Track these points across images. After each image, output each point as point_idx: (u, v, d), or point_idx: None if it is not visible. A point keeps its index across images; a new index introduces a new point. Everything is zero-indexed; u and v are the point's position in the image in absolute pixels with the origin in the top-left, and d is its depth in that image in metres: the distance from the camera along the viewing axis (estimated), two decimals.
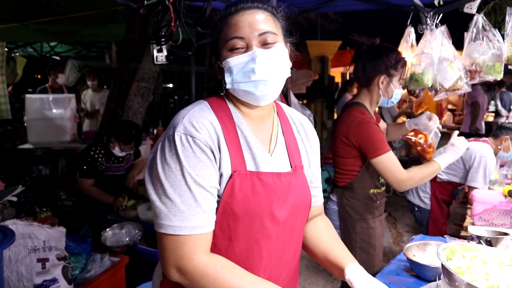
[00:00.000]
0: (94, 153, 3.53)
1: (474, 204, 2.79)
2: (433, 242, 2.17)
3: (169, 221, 1.12)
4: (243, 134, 1.23)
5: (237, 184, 1.17)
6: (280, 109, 1.41)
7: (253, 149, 1.23)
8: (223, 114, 1.23)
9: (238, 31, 1.19)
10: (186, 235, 1.12)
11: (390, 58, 2.34)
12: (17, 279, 2.39)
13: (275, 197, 1.22)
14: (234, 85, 1.21)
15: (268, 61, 1.17)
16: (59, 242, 2.60)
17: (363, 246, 2.48)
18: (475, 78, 2.69)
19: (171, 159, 1.14)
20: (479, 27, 2.66)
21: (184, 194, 1.12)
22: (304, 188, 1.34)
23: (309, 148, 1.43)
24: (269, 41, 1.19)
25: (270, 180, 1.22)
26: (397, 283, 1.95)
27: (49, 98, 5.90)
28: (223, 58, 1.21)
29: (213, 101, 1.27)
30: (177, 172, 1.13)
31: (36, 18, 4.12)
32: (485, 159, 3.35)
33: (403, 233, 5.39)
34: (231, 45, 1.20)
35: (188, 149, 1.13)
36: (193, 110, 1.21)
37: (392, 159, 2.30)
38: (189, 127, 1.15)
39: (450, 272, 1.17)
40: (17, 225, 2.44)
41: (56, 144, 5.81)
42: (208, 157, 1.15)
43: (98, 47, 8.38)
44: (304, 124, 1.45)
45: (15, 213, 3.23)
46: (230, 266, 1.15)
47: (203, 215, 1.13)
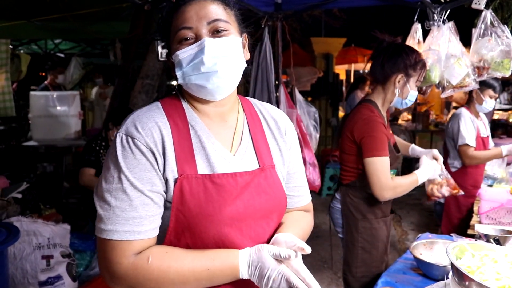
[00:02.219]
0: (95, 145, 3.56)
1: (481, 203, 2.77)
2: (440, 240, 2.15)
3: (104, 225, 1.06)
4: (196, 134, 1.16)
5: (187, 189, 1.09)
6: (248, 105, 1.32)
7: (208, 149, 1.15)
8: (175, 114, 1.16)
9: (185, 21, 1.12)
10: (117, 240, 1.04)
11: (410, 57, 2.29)
12: (22, 276, 2.39)
13: (231, 199, 1.12)
14: (185, 79, 1.13)
15: (218, 50, 1.10)
16: (64, 239, 2.61)
17: (365, 246, 2.45)
18: (483, 75, 2.66)
19: (112, 161, 1.08)
20: (487, 23, 2.63)
21: (119, 197, 1.05)
22: (275, 189, 1.23)
23: (283, 145, 1.32)
24: (219, 29, 1.12)
25: (225, 181, 1.12)
26: (404, 281, 1.94)
27: (54, 95, 5.92)
28: (173, 52, 1.15)
29: (166, 101, 1.20)
30: (114, 175, 1.07)
31: (41, 16, 4.12)
32: (458, 116, 3.44)
33: (408, 231, 5.36)
34: (179, 36, 1.13)
35: (128, 151, 1.07)
36: (141, 110, 1.15)
37: (384, 165, 2.25)
38: (130, 128, 1.10)
39: (460, 271, 1.15)
40: (22, 222, 2.44)
41: (61, 141, 5.83)
42: (147, 160, 1.08)
43: (102, 44, 8.39)
44: (277, 119, 1.34)
45: (19, 210, 3.24)
46: (161, 253, 1.08)
47: (138, 221, 1.06)
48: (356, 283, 2.49)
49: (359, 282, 2.48)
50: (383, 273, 2.03)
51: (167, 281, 1.05)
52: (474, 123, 3.41)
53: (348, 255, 2.51)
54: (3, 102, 5.15)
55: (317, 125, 4.09)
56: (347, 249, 2.52)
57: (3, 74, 5.11)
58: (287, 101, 3.97)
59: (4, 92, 5.14)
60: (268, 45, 3.82)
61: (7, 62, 5.18)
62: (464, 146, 3.34)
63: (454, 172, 3.46)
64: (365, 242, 2.45)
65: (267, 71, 3.80)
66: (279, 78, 4.07)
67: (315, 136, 4.07)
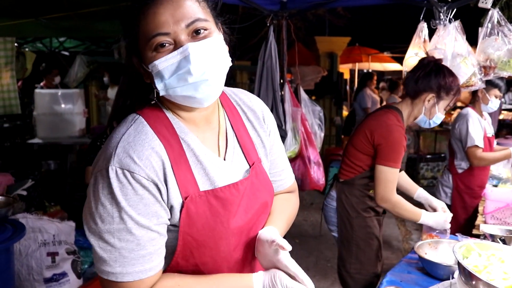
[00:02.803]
0: (100, 143, 3.56)
1: (486, 203, 2.76)
2: (445, 240, 2.15)
3: (110, 267, 0.97)
4: (189, 147, 1.06)
5: (193, 210, 1.02)
6: (224, 98, 1.22)
7: (204, 162, 1.07)
8: (163, 130, 1.04)
9: (160, 26, 0.97)
10: (129, 282, 0.98)
11: (447, 80, 2.27)
12: (27, 273, 2.40)
13: (235, 210, 1.09)
14: (169, 91, 1.00)
15: (205, 56, 0.97)
16: (69, 236, 2.61)
17: (359, 243, 2.48)
18: (489, 74, 2.66)
19: (106, 198, 0.95)
20: (494, 22, 2.62)
21: (124, 238, 0.96)
22: (265, 183, 1.20)
23: (264, 134, 1.25)
24: (199, 30, 0.99)
25: (228, 194, 1.07)
26: (408, 281, 1.93)
27: (58, 93, 5.93)
28: (149, 61, 1.00)
29: (148, 114, 1.07)
30: (114, 215, 0.95)
31: (46, 14, 4.12)
32: (466, 117, 3.38)
33: (411, 231, 5.35)
34: (154, 43, 0.98)
35: (127, 186, 0.95)
36: (127, 133, 1.01)
37: (394, 176, 2.30)
38: (125, 159, 0.96)
39: (467, 270, 1.15)
40: (27, 219, 2.45)
41: (65, 139, 5.84)
42: (151, 193, 0.98)
43: (107, 42, 8.39)
44: (254, 108, 1.25)
45: (25, 207, 3.25)
46: (172, 282, 1.04)
47: (148, 258, 0.99)
48: (351, 280, 2.53)
49: (353, 278, 2.52)
50: (388, 272, 2.04)
51: None
52: (481, 123, 3.39)
53: (343, 251, 2.55)
54: (8, 99, 5.17)
55: (321, 124, 4.09)
56: (342, 245, 2.56)
57: (8, 72, 5.13)
58: (292, 100, 3.97)
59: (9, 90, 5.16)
60: (274, 44, 3.82)
61: (13, 60, 5.21)
62: (473, 148, 3.30)
63: (460, 173, 3.45)
64: (359, 240, 2.48)
65: (272, 69, 3.80)
66: (284, 76, 4.07)
67: (320, 135, 4.07)
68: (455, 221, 3.49)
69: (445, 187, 3.54)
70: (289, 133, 3.81)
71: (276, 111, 3.82)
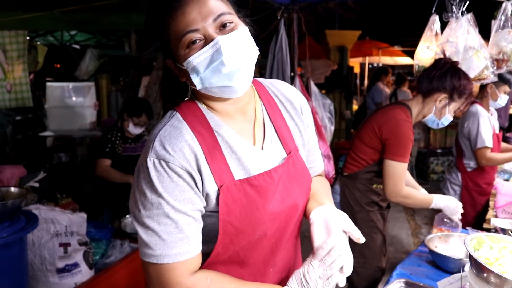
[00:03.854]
0: (111, 136, 3.58)
1: (497, 197, 2.74)
2: (455, 234, 2.15)
3: (151, 250, 1.05)
4: (224, 139, 1.12)
5: (229, 198, 1.08)
6: (262, 89, 1.27)
7: (238, 153, 1.13)
8: (198, 124, 1.11)
9: (190, 23, 1.04)
10: (170, 263, 1.05)
11: (461, 82, 2.27)
12: (40, 263, 2.43)
13: (271, 196, 1.14)
14: (206, 84, 1.07)
15: (235, 46, 1.04)
16: (81, 227, 2.64)
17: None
18: (502, 68, 2.63)
19: (146, 187, 1.05)
20: (507, 15, 2.59)
21: (163, 222, 1.04)
22: (302, 171, 1.25)
23: (301, 124, 1.30)
24: (226, 24, 1.06)
25: (262, 182, 1.12)
26: (419, 274, 1.94)
27: (69, 86, 5.98)
28: (183, 59, 1.07)
29: (184, 110, 1.14)
30: (153, 201, 1.04)
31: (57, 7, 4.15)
32: (477, 116, 3.32)
33: (421, 225, 5.34)
34: (186, 41, 1.05)
35: (163, 174, 1.04)
36: (163, 129, 1.09)
37: (403, 171, 2.30)
38: (161, 150, 1.05)
39: (478, 263, 1.15)
40: (40, 210, 2.48)
41: (76, 132, 5.89)
42: (185, 181, 1.06)
43: (118, 35, 8.43)
44: (292, 99, 1.30)
45: (37, 199, 3.30)
46: (218, 274, 1.11)
47: (185, 241, 1.06)
48: (354, 274, 2.51)
49: (356, 272, 2.52)
50: (397, 265, 2.04)
51: None
52: (490, 121, 3.35)
53: None
54: (20, 92, 5.21)
55: (332, 118, 4.08)
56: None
57: (20, 65, 5.17)
58: (303, 93, 3.95)
59: (21, 83, 5.20)
60: (284, 37, 3.81)
61: (25, 53, 5.24)
62: (483, 149, 3.26)
63: (470, 171, 3.42)
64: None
65: (283, 62, 3.80)
66: (295, 70, 4.06)
67: (330, 128, 4.06)
68: (464, 219, 3.46)
69: (454, 185, 3.51)
70: None
71: None
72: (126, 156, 3.64)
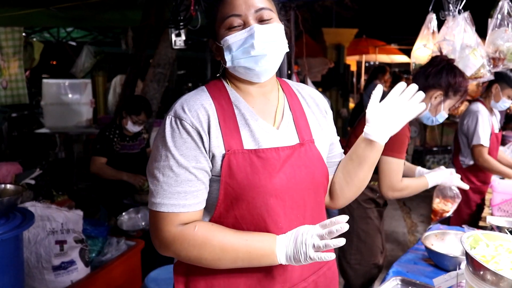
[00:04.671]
0: (109, 133, 3.57)
1: (493, 195, 2.75)
2: (451, 231, 2.15)
3: (154, 198, 1.18)
4: (240, 112, 1.25)
5: (234, 163, 1.18)
6: (286, 86, 1.41)
7: (252, 125, 1.24)
8: (220, 96, 1.26)
9: (235, 9, 1.20)
10: (164, 212, 1.17)
11: (457, 80, 2.28)
12: (36, 260, 2.42)
13: (275, 172, 1.20)
14: (234, 62, 1.22)
15: (267, 35, 1.19)
16: (77, 225, 2.63)
17: (360, 235, 2.49)
18: (498, 66, 2.64)
19: (160, 141, 1.20)
20: (504, 13, 2.59)
21: (166, 174, 1.17)
22: (316, 162, 1.31)
23: (322, 120, 1.42)
24: (265, 17, 1.21)
25: (269, 155, 1.21)
26: (415, 272, 1.94)
27: (66, 83, 5.96)
28: (222, 37, 1.23)
29: (211, 85, 1.30)
30: (162, 153, 1.18)
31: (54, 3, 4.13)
32: (476, 114, 3.33)
33: (417, 223, 5.36)
34: (228, 23, 1.21)
35: (176, 131, 1.18)
36: (188, 95, 1.26)
37: (399, 167, 2.27)
38: (179, 110, 1.20)
39: (475, 260, 1.15)
40: (36, 207, 2.47)
41: (72, 129, 5.87)
42: (193, 139, 1.18)
43: (114, 32, 8.39)
44: (314, 97, 1.44)
45: (33, 196, 3.28)
46: (207, 224, 1.21)
47: (182, 195, 1.17)
48: (350, 270, 2.54)
49: (353, 269, 2.53)
50: (394, 263, 2.04)
51: (209, 248, 1.15)
52: (490, 120, 3.35)
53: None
54: (16, 89, 5.19)
55: None
56: (342, 236, 2.55)
57: (16, 62, 5.14)
58: None
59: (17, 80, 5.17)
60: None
61: (21, 50, 5.21)
62: (479, 146, 3.26)
63: (465, 168, 3.43)
64: (360, 231, 2.49)
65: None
66: (292, 68, 4.06)
67: None
68: (458, 216, 3.49)
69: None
70: None
71: None
72: (124, 154, 3.63)
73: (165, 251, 1.20)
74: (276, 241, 1.17)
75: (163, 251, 1.21)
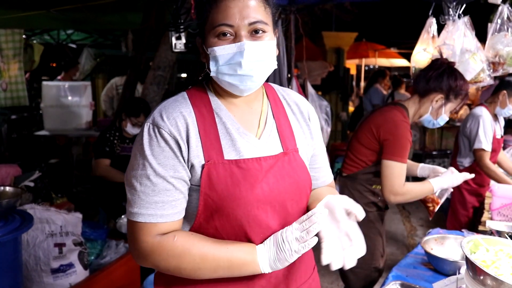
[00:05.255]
0: (109, 135, 3.58)
1: (493, 199, 2.74)
2: (451, 236, 2.15)
3: (131, 207, 1.15)
4: (221, 120, 1.20)
5: (214, 174, 1.14)
6: (271, 91, 1.35)
7: (233, 135, 1.19)
8: (200, 104, 1.21)
9: (227, 17, 1.12)
10: (142, 222, 1.14)
11: (458, 83, 2.29)
12: (34, 263, 2.42)
13: (257, 183, 1.16)
14: (219, 75, 1.17)
15: (256, 55, 1.13)
16: (76, 227, 2.63)
17: None
18: (498, 70, 2.64)
19: (137, 149, 1.16)
20: (504, 18, 2.60)
21: (144, 183, 1.14)
22: (299, 172, 1.26)
23: (306, 128, 1.35)
24: (259, 29, 1.14)
25: (250, 166, 1.17)
26: (415, 276, 1.94)
27: (65, 85, 5.95)
28: (209, 45, 1.16)
29: (192, 91, 1.25)
30: (140, 161, 1.14)
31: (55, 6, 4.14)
32: (479, 118, 3.32)
33: (417, 227, 5.35)
34: (218, 31, 1.14)
35: (153, 139, 1.14)
36: (167, 101, 1.21)
37: (401, 171, 2.27)
38: (157, 118, 1.16)
39: (475, 265, 1.15)
40: (35, 209, 2.47)
41: (72, 131, 5.86)
42: (171, 148, 1.14)
43: (114, 35, 8.40)
44: (300, 104, 1.37)
45: (32, 198, 3.27)
46: (187, 233, 1.17)
47: (160, 205, 1.14)
48: (351, 274, 2.53)
49: (354, 272, 2.52)
50: (393, 267, 2.04)
51: (188, 258, 1.12)
52: (492, 126, 3.35)
53: None
54: (16, 91, 5.20)
55: (328, 119, 4.09)
56: None
57: (16, 64, 5.15)
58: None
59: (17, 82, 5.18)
60: (282, 38, 3.81)
61: (21, 52, 5.22)
62: (480, 151, 3.27)
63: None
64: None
65: (280, 64, 3.80)
66: (292, 71, 4.06)
67: (327, 130, 4.07)
68: (455, 218, 3.49)
69: None
70: None
71: None
72: (124, 156, 3.63)
73: (144, 262, 1.17)
74: (256, 251, 1.13)
75: (141, 262, 1.18)
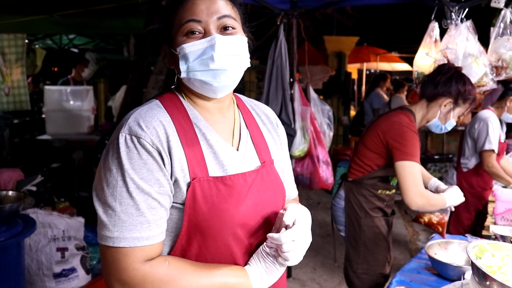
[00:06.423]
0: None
1: (496, 204, 2.74)
2: (455, 241, 2.14)
3: (108, 231, 1.00)
4: (201, 132, 1.12)
5: (199, 193, 1.05)
6: (240, 101, 1.30)
7: (215, 147, 1.12)
8: (176, 112, 1.11)
9: (195, 13, 1.08)
10: (127, 247, 1.00)
11: (466, 88, 2.29)
12: (37, 267, 2.42)
13: (242, 199, 1.10)
14: (190, 74, 1.08)
15: (229, 48, 1.07)
16: (78, 232, 2.63)
17: (367, 244, 2.47)
18: (501, 74, 2.64)
19: (113, 163, 1.01)
20: (506, 22, 2.60)
21: (125, 202, 1.00)
22: (277, 184, 1.22)
23: (277, 139, 1.31)
24: (228, 25, 1.09)
25: (236, 182, 1.10)
26: (418, 281, 1.93)
27: (67, 90, 5.97)
28: (178, 44, 1.09)
29: (165, 98, 1.15)
30: (118, 178, 1.00)
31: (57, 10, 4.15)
32: (487, 120, 3.34)
33: (419, 231, 5.33)
34: (186, 29, 1.08)
35: (133, 151, 1.01)
36: (140, 109, 1.10)
37: (418, 170, 2.24)
38: (134, 126, 1.03)
39: (481, 271, 1.14)
40: (38, 214, 2.47)
41: (74, 135, 5.87)
42: (154, 160, 1.02)
43: (116, 40, 8.43)
44: (268, 114, 1.33)
45: (34, 203, 3.27)
46: (176, 258, 1.07)
47: (146, 226, 1.01)
48: (357, 280, 2.52)
49: (360, 278, 2.52)
50: (397, 272, 2.03)
51: (183, 284, 1.02)
52: (498, 129, 3.36)
53: (350, 251, 2.54)
54: (18, 96, 5.20)
55: (331, 123, 4.08)
56: (349, 245, 2.55)
57: (19, 68, 5.15)
58: (302, 99, 3.97)
59: (19, 86, 5.18)
60: (284, 43, 3.81)
61: (23, 57, 5.22)
62: (490, 152, 3.27)
63: (465, 172, 3.43)
64: (367, 239, 2.48)
65: (282, 68, 3.80)
66: (294, 75, 4.07)
67: (329, 134, 4.07)
68: (458, 221, 3.48)
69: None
70: (298, 132, 3.81)
71: (286, 110, 3.81)
72: None
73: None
74: (247, 273, 1.10)
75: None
